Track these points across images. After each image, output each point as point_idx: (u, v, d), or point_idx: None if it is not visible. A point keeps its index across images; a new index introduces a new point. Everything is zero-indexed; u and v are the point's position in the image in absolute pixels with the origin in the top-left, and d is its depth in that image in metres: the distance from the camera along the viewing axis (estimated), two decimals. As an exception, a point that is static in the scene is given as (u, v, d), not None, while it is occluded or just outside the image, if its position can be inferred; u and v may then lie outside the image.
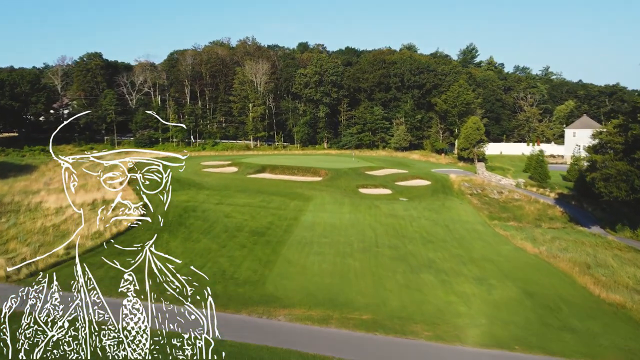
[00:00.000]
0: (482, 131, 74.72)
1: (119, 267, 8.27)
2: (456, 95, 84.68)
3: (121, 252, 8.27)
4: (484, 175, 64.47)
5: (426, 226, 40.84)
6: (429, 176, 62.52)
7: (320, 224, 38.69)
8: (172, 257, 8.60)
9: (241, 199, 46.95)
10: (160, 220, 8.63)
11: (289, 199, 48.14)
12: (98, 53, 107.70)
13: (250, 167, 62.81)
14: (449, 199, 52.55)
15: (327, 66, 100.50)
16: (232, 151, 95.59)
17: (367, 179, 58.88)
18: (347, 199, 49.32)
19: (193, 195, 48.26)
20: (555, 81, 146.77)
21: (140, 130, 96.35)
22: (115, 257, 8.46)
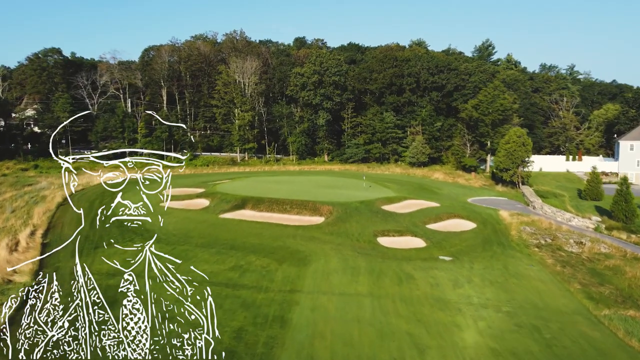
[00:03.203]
0: (529, 147, 58.24)
1: (119, 267, 8.73)
2: (490, 99, 68.07)
3: (121, 252, 8.76)
4: (545, 211, 47.91)
5: (501, 328, 24.25)
6: (469, 212, 45.97)
7: (324, 334, 22.15)
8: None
9: (202, 266, 30.21)
10: (160, 220, 8.71)
11: (277, 261, 31.56)
12: (57, 48, 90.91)
13: (227, 200, 46.15)
14: (511, 257, 35.95)
15: (328, 64, 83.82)
16: (214, 167, 78.89)
17: (386, 219, 42.26)
18: (362, 262, 32.69)
19: (132, 255, 31.43)
20: (584, 82, 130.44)
21: (102, 141, 79.60)
22: (115, 257, 9.02)
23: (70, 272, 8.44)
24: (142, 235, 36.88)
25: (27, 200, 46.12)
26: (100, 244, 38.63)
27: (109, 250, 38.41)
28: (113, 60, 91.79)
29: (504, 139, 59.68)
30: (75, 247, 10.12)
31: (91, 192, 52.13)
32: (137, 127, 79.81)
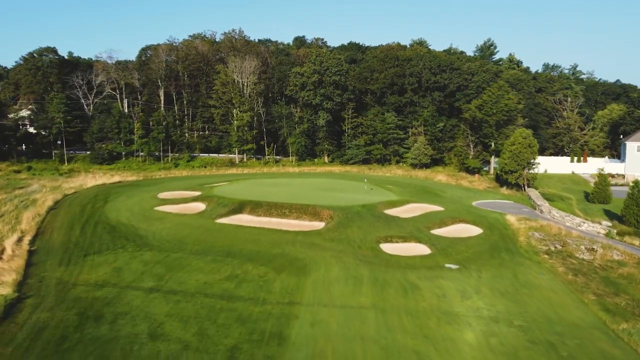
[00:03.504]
0: (535, 148, 56.60)
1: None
2: (494, 100, 66.43)
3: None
4: (553, 216, 46.30)
5: (514, 345, 22.66)
6: (475, 217, 44.37)
7: (325, 353, 20.54)
8: None
9: (196, 275, 28.73)
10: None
11: (275, 270, 30.01)
12: (52, 48, 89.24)
13: (224, 204, 44.55)
14: (520, 265, 34.35)
15: (329, 63, 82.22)
16: (212, 169, 77.30)
17: (389, 224, 40.67)
18: (365, 270, 31.12)
19: (123, 264, 29.97)
20: (587, 82, 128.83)
21: (97, 142, 77.93)
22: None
23: (56, 283, 7.37)
24: (134, 241, 35.48)
25: (17, 204, 44.48)
26: (90, 251, 36.22)
27: (99, 258, 35.83)
28: (110, 60, 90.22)
29: (509, 140, 58.05)
30: (61, 256, 9.34)
31: (84, 195, 50.61)
32: (134, 128, 78.16)
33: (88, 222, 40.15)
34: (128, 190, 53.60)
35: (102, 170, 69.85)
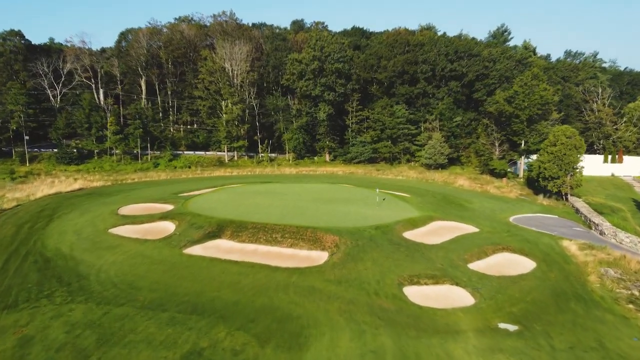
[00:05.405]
0: (582, 150, 46.78)
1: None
2: (527, 91, 56.32)
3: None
4: (620, 240, 36.51)
5: None
6: (521, 242, 34.63)
7: None
8: None
9: (144, 350, 19.15)
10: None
11: (257, 340, 20.38)
12: (17, 31, 78.76)
13: (198, 224, 34.77)
14: (601, 323, 24.63)
15: (330, 49, 71.96)
16: (196, 170, 67.37)
17: (413, 255, 30.91)
18: (387, 337, 21.41)
19: (38, 329, 20.52)
20: (610, 71, 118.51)
21: (65, 139, 67.93)
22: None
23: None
24: (68, 284, 26.01)
25: None
26: (1, 304, 23.20)
27: (7, 319, 23.26)
28: (82, 45, 79.74)
29: (548, 140, 48.18)
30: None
31: (26, 210, 40.82)
32: (107, 123, 68.09)
33: (16, 252, 30.54)
34: (85, 203, 43.86)
35: (68, 172, 60.11)
